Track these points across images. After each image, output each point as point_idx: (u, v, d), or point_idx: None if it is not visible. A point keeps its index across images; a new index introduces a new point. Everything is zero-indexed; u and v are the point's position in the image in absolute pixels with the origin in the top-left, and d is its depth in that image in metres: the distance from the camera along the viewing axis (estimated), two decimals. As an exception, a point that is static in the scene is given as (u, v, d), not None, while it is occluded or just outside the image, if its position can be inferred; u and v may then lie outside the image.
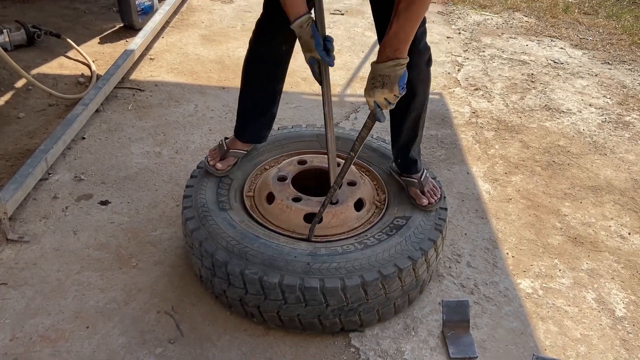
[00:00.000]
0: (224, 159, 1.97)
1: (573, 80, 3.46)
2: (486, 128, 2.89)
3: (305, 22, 1.56)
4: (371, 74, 1.52)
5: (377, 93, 1.50)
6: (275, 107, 2.00)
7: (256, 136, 2.04)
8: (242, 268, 1.60)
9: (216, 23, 3.90)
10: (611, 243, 2.17)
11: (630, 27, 4.28)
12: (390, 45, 1.46)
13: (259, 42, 1.85)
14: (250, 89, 1.96)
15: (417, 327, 1.75)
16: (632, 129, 2.96)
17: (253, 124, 2.00)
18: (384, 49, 1.48)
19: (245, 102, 1.98)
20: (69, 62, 3.22)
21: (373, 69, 1.51)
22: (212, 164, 1.95)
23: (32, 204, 2.14)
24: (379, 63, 1.49)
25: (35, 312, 1.71)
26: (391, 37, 1.46)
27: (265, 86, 1.93)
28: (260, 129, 2.02)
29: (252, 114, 1.98)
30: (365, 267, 1.61)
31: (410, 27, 1.44)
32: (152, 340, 1.65)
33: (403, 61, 1.47)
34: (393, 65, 1.46)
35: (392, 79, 1.47)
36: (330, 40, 1.59)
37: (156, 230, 2.05)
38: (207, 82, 3.13)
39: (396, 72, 1.47)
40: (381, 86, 1.49)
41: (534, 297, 1.90)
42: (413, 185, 1.91)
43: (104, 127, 2.65)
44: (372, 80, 1.51)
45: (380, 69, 1.48)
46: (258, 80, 1.92)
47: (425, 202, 1.85)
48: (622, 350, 1.72)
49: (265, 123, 2.02)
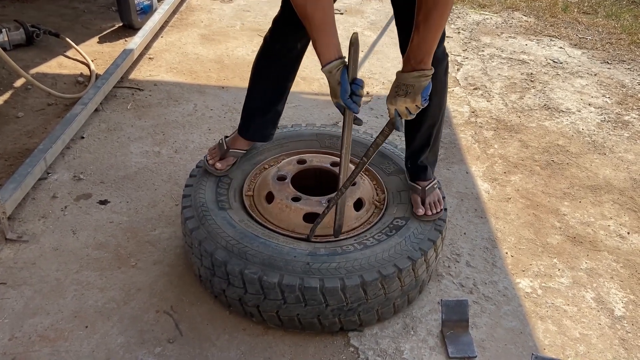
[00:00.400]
0: (223, 158, 1.96)
1: (572, 79, 3.46)
2: (485, 127, 2.89)
3: (335, 67, 1.50)
4: (395, 82, 1.51)
5: (399, 101, 1.50)
6: (282, 105, 1.99)
7: (261, 134, 2.02)
8: (241, 268, 1.59)
9: (215, 22, 3.90)
10: (610, 242, 2.17)
11: (630, 26, 4.28)
12: (414, 57, 1.46)
13: (275, 40, 1.84)
14: (260, 85, 1.94)
15: (416, 326, 1.75)
16: (631, 129, 2.96)
17: (259, 121, 1.98)
18: (408, 59, 1.47)
19: (253, 98, 1.97)
20: (68, 62, 3.22)
21: (398, 78, 1.51)
22: (211, 163, 1.94)
23: (31, 203, 2.13)
24: (404, 72, 1.49)
25: (34, 311, 1.71)
26: (414, 49, 1.45)
27: (275, 83, 1.92)
28: (265, 127, 2.01)
29: (259, 111, 1.96)
30: (365, 267, 1.61)
31: (431, 38, 1.43)
32: (151, 339, 1.65)
33: (428, 72, 1.47)
34: (418, 76, 1.46)
35: (415, 89, 1.47)
36: (359, 83, 1.52)
37: (155, 230, 2.05)
38: (207, 81, 3.12)
39: (420, 83, 1.47)
40: (404, 95, 1.48)
41: (533, 296, 1.90)
42: (415, 191, 1.88)
43: (103, 126, 2.65)
44: (395, 89, 1.51)
45: (405, 79, 1.48)
46: (269, 77, 1.91)
47: (421, 213, 1.81)
48: (621, 350, 1.72)
49: (271, 121, 2.00)
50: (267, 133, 2.03)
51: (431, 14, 1.40)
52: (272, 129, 2.03)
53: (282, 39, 1.82)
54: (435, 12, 1.40)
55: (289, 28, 1.78)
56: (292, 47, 1.83)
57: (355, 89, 1.52)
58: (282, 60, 1.87)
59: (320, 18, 1.48)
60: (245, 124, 2.00)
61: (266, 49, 1.87)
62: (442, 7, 1.40)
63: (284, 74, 1.91)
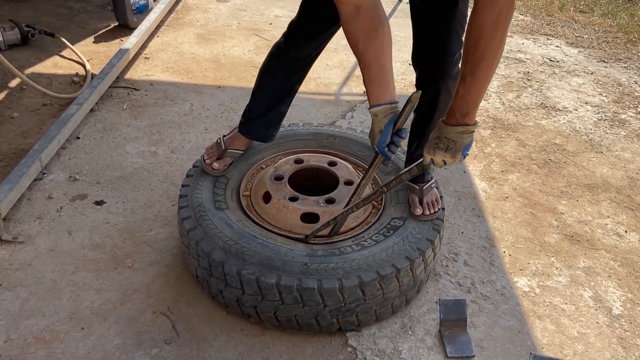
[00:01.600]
0: (221, 158, 1.95)
1: (569, 78, 3.46)
2: (482, 126, 2.88)
3: (382, 112, 1.43)
4: (436, 133, 1.45)
5: (438, 154, 1.45)
6: (287, 106, 1.96)
7: (263, 134, 1.99)
8: (239, 268, 1.59)
9: (212, 22, 3.89)
10: (608, 241, 2.17)
11: (626, 25, 4.29)
12: (459, 110, 1.39)
13: (289, 45, 1.79)
14: (267, 87, 1.91)
15: (414, 326, 1.74)
16: (627, 127, 2.96)
17: (261, 121, 1.95)
18: (453, 112, 1.41)
19: (259, 98, 1.93)
20: (64, 62, 3.20)
21: (440, 129, 1.44)
22: (208, 163, 1.93)
23: (27, 204, 2.12)
24: (447, 125, 1.42)
25: (30, 313, 1.69)
26: (459, 101, 1.38)
27: (283, 86, 1.89)
28: (267, 127, 1.97)
29: (263, 110, 1.93)
30: (363, 267, 1.60)
31: (477, 91, 1.36)
32: (148, 340, 1.64)
33: (472, 128, 1.41)
34: (462, 132, 1.40)
35: (457, 146, 1.42)
36: (402, 135, 1.47)
37: (152, 230, 2.04)
38: (203, 81, 3.11)
39: (463, 140, 1.42)
40: (445, 149, 1.43)
41: (531, 295, 1.89)
42: (413, 191, 1.88)
43: (98, 126, 2.63)
44: (436, 140, 1.44)
45: (449, 132, 1.41)
46: (277, 80, 1.87)
47: (419, 212, 1.80)
48: (619, 349, 1.72)
49: (274, 121, 1.97)
50: (269, 134, 2.00)
51: (479, 66, 1.33)
52: (274, 129, 2.00)
53: (297, 45, 1.77)
54: (483, 63, 1.32)
55: (305, 35, 1.73)
56: (306, 54, 1.79)
57: (397, 140, 1.47)
58: (293, 65, 1.82)
59: (370, 57, 1.40)
60: (247, 122, 1.97)
61: (278, 53, 1.83)
62: (491, 59, 1.32)
63: (296, 78, 1.88)
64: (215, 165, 1.92)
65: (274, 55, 1.85)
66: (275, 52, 1.85)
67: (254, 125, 1.96)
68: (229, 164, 1.96)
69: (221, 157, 1.95)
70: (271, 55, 1.87)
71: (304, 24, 1.72)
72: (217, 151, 1.96)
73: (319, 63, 3.35)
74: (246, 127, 1.97)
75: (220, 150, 1.96)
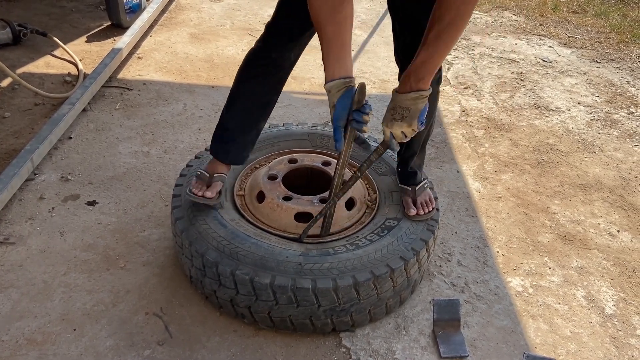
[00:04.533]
0: (209, 186, 1.78)
1: (562, 78, 3.47)
2: (476, 127, 2.89)
3: (336, 87, 1.42)
4: (392, 104, 1.44)
5: (395, 126, 1.45)
6: (264, 122, 1.85)
7: (241, 157, 1.87)
8: (232, 268, 1.58)
9: (205, 22, 3.87)
10: (600, 241, 2.18)
11: (618, 25, 4.31)
12: (415, 75, 1.38)
13: (270, 47, 1.68)
14: (244, 99, 1.77)
15: (408, 326, 1.74)
16: (620, 127, 2.98)
17: (240, 141, 1.82)
18: (407, 78, 1.40)
19: (234, 115, 1.79)
20: (56, 61, 3.18)
21: (394, 99, 1.44)
22: (200, 195, 1.75)
23: (18, 204, 2.10)
24: (400, 93, 1.42)
25: (21, 314, 1.68)
26: (418, 67, 1.37)
27: (261, 97, 1.77)
28: (244, 149, 1.86)
29: (239, 130, 1.81)
30: (358, 267, 1.60)
31: (439, 57, 1.37)
32: (141, 342, 1.63)
33: (425, 93, 1.41)
34: (415, 98, 1.40)
35: (412, 113, 1.42)
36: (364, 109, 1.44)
37: (145, 231, 2.03)
38: (196, 80, 3.10)
39: (417, 106, 1.41)
40: (400, 119, 1.43)
41: (524, 295, 1.90)
42: (406, 193, 1.87)
43: (91, 126, 2.62)
44: (391, 111, 1.44)
45: (402, 101, 1.41)
46: (255, 89, 1.75)
47: (413, 213, 1.79)
48: (612, 348, 1.73)
49: (251, 142, 1.86)
50: (245, 155, 1.88)
51: (446, 31, 1.32)
52: (250, 149, 1.88)
53: (278, 45, 1.68)
54: (450, 29, 1.32)
55: (283, 36, 1.66)
56: (287, 56, 1.70)
57: (358, 116, 1.44)
58: (272, 70, 1.72)
59: (332, 32, 1.39)
60: (224, 146, 1.82)
61: (256, 57, 1.72)
62: (459, 24, 1.32)
63: (273, 86, 1.77)
64: (207, 194, 1.75)
65: (251, 63, 1.74)
66: (253, 58, 1.73)
67: (232, 148, 1.82)
68: (220, 188, 1.81)
69: (210, 185, 1.79)
70: (247, 63, 1.75)
71: (281, 24, 1.66)
72: (204, 181, 1.80)
73: (314, 63, 3.35)
74: (224, 151, 1.83)
75: (206, 178, 1.80)
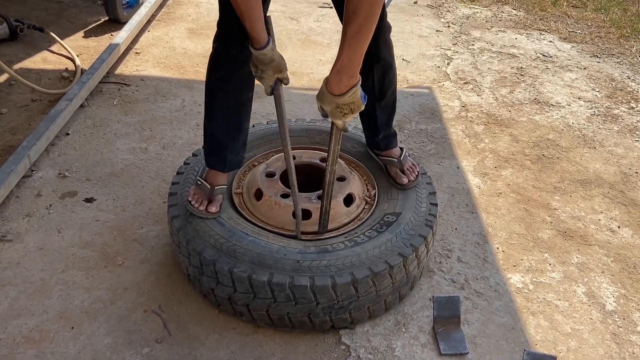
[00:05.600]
0: (212, 200, 1.75)
1: (562, 73, 3.45)
2: (476, 122, 2.87)
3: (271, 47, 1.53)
4: (333, 105, 1.49)
5: (348, 117, 1.53)
6: (249, 120, 1.84)
7: (236, 161, 1.85)
8: (230, 266, 1.57)
9: (203, 16, 3.85)
10: (601, 237, 2.17)
11: (619, 20, 4.29)
12: (346, 73, 1.43)
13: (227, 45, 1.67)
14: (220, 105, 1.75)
15: (407, 323, 1.73)
16: (620, 122, 2.96)
17: (233, 147, 1.81)
18: (339, 77, 1.44)
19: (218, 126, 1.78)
20: (53, 57, 3.16)
21: (334, 101, 1.47)
22: (202, 209, 1.72)
23: (15, 201, 2.09)
24: (339, 96, 1.46)
25: (19, 312, 1.67)
26: (346, 65, 1.42)
27: (237, 97, 1.75)
28: (239, 151, 1.85)
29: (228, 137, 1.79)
30: (356, 264, 1.59)
31: (362, 49, 1.42)
32: (139, 340, 1.62)
33: (359, 84, 1.47)
34: (353, 93, 1.47)
35: (356, 104, 1.50)
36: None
37: (143, 228, 2.02)
38: (195, 76, 3.08)
39: (357, 97, 1.49)
40: (350, 112, 1.51)
41: (524, 291, 1.89)
42: (393, 164, 1.94)
43: (88, 122, 2.60)
44: (338, 110, 1.50)
45: (344, 101, 1.47)
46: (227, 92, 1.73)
47: (406, 181, 1.89)
48: (612, 345, 1.72)
49: (243, 143, 1.85)
50: (241, 157, 1.88)
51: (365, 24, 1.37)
52: (244, 151, 1.87)
53: (232, 43, 1.65)
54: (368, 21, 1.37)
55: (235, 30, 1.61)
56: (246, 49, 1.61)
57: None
58: (237, 68, 1.69)
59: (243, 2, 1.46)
60: (219, 156, 1.81)
61: (217, 60, 1.71)
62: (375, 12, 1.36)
63: (244, 82, 1.74)
64: (212, 209, 1.72)
65: (216, 66, 1.73)
66: (214, 61, 1.72)
67: (228, 154, 1.81)
68: (222, 201, 1.78)
69: (212, 199, 1.76)
70: (212, 68, 1.73)
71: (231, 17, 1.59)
72: (205, 193, 1.76)
73: (312, 58, 3.33)
74: (221, 161, 1.81)
75: (208, 191, 1.76)
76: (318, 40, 3.64)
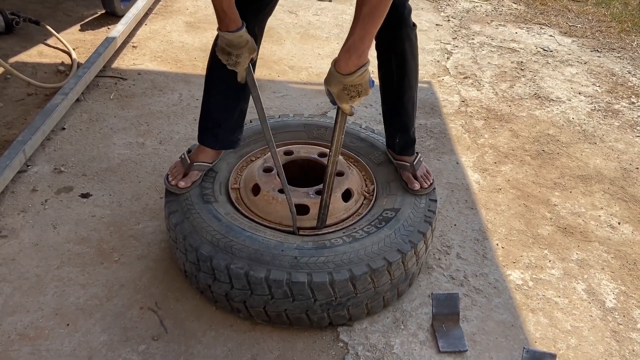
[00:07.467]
0: (186, 175, 1.78)
1: (562, 68, 3.43)
2: (475, 117, 2.85)
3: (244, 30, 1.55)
4: (340, 85, 1.48)
5: (355, 101, 1.52)
6: (247, 103, 1.84)
7: (230, 140, 1.87)
8: (227, 262, 1.55)
9: (201, 10, 3.81)
10: (601, 233, 2.15)
11: (619, 14, 4.26)
12: (355, 51, 1.43)
13: None
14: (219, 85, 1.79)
15: (406, 320, 1.72)
16: (621, 118, 2.94)
17: (226, 125, 1.82)
18: (349, 56, 1.44)
19: (215, 102, 1.81)
20: (49, 50, 3.13)
21: (342, 81, 1.47)
22: (173, 184, 1.75)
23: (10, 197, 2.07)
24: (347, 75, 1.46)
25: (14, 309, 1.65)
26: (357, 43, 1.42)
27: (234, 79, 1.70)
28: (233, 131, 1.86)
29: (223, 114, 1.82)
30: (354, 260, 1.57)
31: (374, 29, 1.43)
32: (135, 337, 1.60)
33: (367, 65, 1.47)
34: (361, 74, 1.46)
35: (364, 86, 1.49)
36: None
37: (139, 224, 2.00)
38: (192, 70, 3.05)
39: (365, 79, 1.48)
40: (357, 95, 1.50)
41: (524, 288, 1.88)
42: (405, 169, 1.90)
43: (84, 117, 2.58)
44: (345, 91, 1.49)
45: (352, 81, 1.46)
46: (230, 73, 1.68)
47: (417, 187, 1.84)
48: (612, 342, 1.71)
49: (238, 123, 1.87)
50: (236, 138, 1.89)
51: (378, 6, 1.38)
52: (239, 132, 1.89)
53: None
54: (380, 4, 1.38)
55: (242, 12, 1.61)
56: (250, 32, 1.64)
57: None
58: None
59: None
60: (211, 130, 1.83)
61: None
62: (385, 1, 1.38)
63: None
64: (181, 184, 1.75)
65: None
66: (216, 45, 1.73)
67: (220, 132, 1.82)
68: (196, 179, 1.79)
69: (187, 174, 1.78)
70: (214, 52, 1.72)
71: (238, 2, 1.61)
72: (182, 167, 1.79)
73: (311, 52, 3.31)
74: (212, 137, 1.83)
75: (186, 165, 1.79)
76: (317, 34, 3.61)
